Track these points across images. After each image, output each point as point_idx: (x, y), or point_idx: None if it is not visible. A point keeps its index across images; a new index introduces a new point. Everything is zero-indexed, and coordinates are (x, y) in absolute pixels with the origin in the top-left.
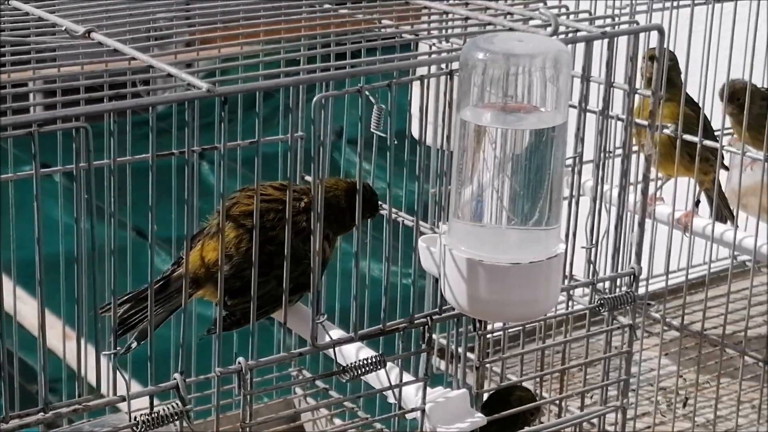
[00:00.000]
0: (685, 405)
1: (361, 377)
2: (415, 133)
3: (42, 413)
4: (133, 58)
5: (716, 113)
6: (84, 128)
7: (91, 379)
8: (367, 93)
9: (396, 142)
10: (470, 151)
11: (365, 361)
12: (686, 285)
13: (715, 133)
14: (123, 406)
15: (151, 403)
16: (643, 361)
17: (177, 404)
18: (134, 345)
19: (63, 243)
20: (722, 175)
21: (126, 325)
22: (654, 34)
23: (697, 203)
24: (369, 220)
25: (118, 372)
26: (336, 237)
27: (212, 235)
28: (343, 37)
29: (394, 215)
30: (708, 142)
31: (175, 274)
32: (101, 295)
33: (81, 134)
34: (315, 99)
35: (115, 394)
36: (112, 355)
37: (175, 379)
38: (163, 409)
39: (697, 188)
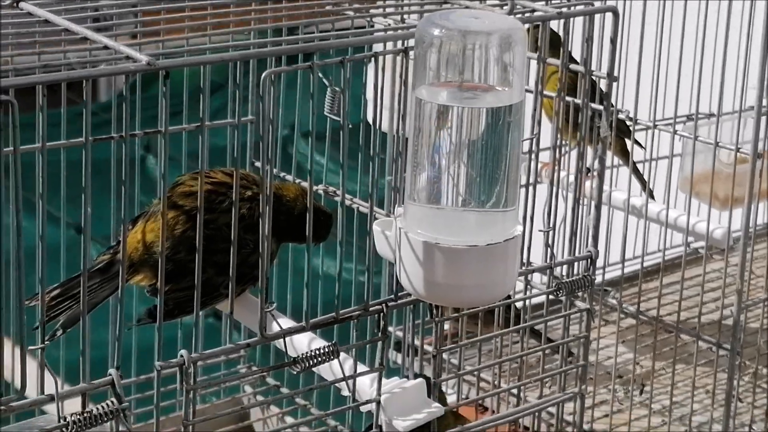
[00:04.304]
0: (641, 392)
1: (314, 369)
2: (371, 120)
3: None
4: (67, 30)
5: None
6: (10, 102)
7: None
8: (320, 76)
9: (351, 126)
10: (426, 131)
11: (317, 352)
12: (641, 272)
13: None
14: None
15: (84, 401)
16: (600, 350)
17: (113, 402)
18: (59, 333)
19: None
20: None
21: (52, 313)
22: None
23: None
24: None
25: (46, 369)
26: (280, 243)
27: (150, 216)
28: (296, 12)
29: (348, 202)
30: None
31: (117, 257)
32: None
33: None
34: (264, 74)
35: (42, 393)
36: (40, 350)
37: (110, 374)
38: (97, 408)
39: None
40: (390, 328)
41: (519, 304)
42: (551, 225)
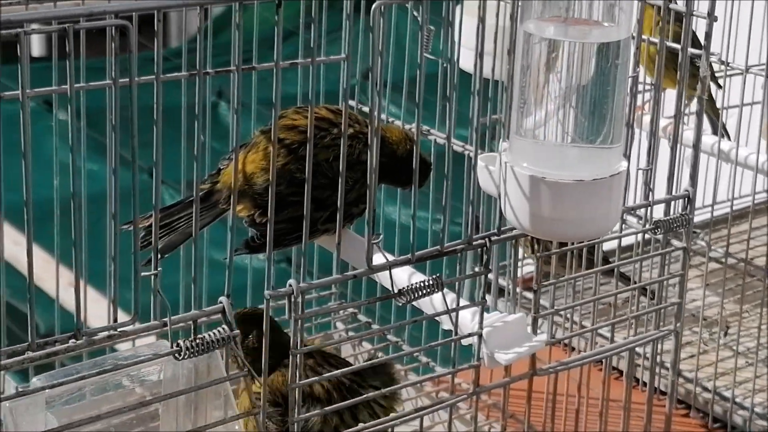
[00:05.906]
0: (725, 334)
1: (413, 304)
2: (463, 64)
3: (73, 339)
4: None
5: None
6: (122, 27)
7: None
8: (415, 14)
9: (445, 65)
10: (534, 66)
11: (422, 284)
12: (731, 216)
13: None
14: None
15: (195, 328)
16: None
17: (224, 329)
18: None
19: (84, 186)
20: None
21: (149, 239)
22: None
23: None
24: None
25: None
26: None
27: (251, 147)
28: None
29: (442, 141)
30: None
31: (217, 185)
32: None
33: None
34: (375, 5)
35: (157, 318)
36: (153, 276)
37: (220, 302)
38: (209, 335)
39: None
40: (477, 269)
41: (606, 248)
42: (650, 164)
